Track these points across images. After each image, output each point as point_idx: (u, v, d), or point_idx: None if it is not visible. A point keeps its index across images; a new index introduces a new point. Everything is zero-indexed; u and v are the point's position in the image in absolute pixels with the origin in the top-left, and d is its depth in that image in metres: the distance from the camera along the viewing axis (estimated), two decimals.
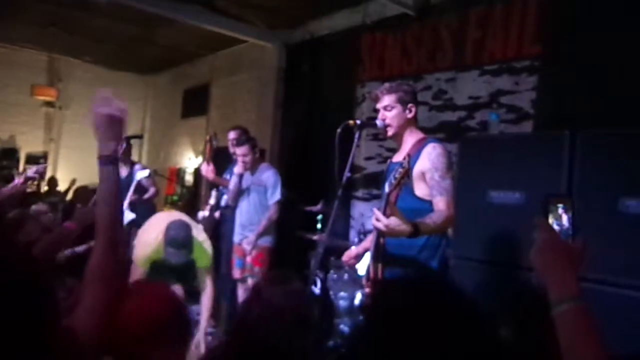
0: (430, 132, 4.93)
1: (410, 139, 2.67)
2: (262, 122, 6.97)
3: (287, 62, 6.88)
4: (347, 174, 2.60)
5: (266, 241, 4.51)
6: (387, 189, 2.27)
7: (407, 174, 2.20)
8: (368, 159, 5.56)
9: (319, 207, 4.91)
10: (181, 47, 8.24)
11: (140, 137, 5.83)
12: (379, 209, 2.32)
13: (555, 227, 1.16)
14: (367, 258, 4.16)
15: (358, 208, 5.65)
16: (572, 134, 2.94)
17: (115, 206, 1.44)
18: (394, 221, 2.25)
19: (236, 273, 4.55)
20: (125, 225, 5.29)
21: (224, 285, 4.45)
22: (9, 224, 3.17)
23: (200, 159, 8.68)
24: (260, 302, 1.61)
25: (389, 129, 2.64)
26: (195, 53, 8.62)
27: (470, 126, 4.64)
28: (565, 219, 1.17)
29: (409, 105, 2.64)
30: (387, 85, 2.72)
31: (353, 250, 2.77)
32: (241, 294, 4.51)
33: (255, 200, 4.52)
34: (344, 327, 4.02)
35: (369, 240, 2.70)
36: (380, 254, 2.40)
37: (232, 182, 4.52)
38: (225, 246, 4.60)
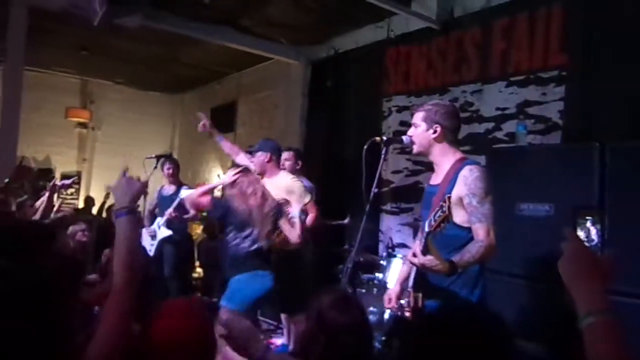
0: (458, 145, 4.93)
1: (445, 160, 2.56)
2: (288, 138, 7.04)
3: (312, 78, 6.95)
4: (374, 190, 2.61)
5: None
6: (426, 227, 2.24)
7: (447, 219, 2.15)
8: (395, 172, 5.55)
9: (346, 221, 4.92)
10: (208, 66, 8.41)
11: (168, 156, 5.94)
12: (420, 241, 2.31)
13: (584, 239, 1.16)
14: (394, 278, 4.15)
15: (386, 221, 5.64)
16: (601, 145, 2.90)
17: (134, 253, 1.46)
18: (429, 261, 2.23)
19: None
20: (160, 241, 5.41)
21: None
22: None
23: (225, 175, 8.78)
24: (323, 329, 1.62)
25: (413, 146, 2.60)
26: (221, 72, 8.79)
27: (498, 138, 4.61)
28: (593, 231, 1.17)
29: (435, 125, 2.53)
30: (426, 103, 2.66)
31: (392, 293, 2.67)
32: None
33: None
34: (374, 343, 4.00)
35: (404, 272, 2.68)
36: (420, 284, 2.39)
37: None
38: None
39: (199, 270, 7.35)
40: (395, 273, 4.18)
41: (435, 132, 2.54)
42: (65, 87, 9.57)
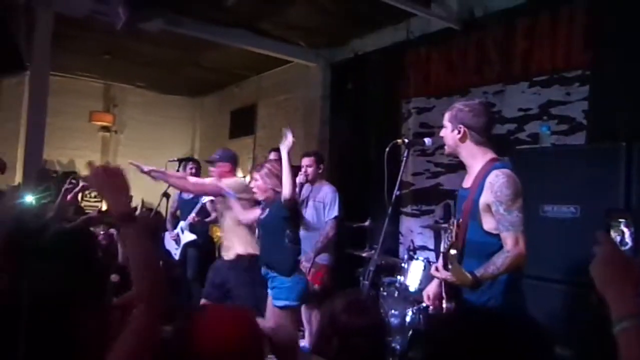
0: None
1: (475, 162, 2.49)
2: (309, 141, 7.05)
3: (331, 81, 6.96)
4: (396, 192, 2.61)
5: (325, 259, 4.45)
6: (443, 245, 2.25)
7: (456, 246, 2.17)
8: (416, 174, 5.53)
9: (367, 223, 4.90)
10: (227, 69, 8.47)
11: (190, 159, 6.00)
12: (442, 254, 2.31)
13: (617, 242, 1.13)
14: (415, 280, 4.12)
15: (406, 224, 5.61)
16: (628, 146, 2.85)
17: (148, 265, 1.35)
18: (451, 277, 2.24)
19: None
20: (183, 245, 5.46)
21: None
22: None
23: (247, 178, 8.84)
24: (336, 331, 1.61)
25: (445, 147, 2.57)
26: (241, 75, 8.84)
27: (521, 139, 4.55)
28: (627, 234, 1.14)
29: (459, 125, 2.47)
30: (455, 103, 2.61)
31: (430, 291, 2.65)
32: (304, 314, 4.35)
33: (313, 214, 4.48)
34: (396, 345, 3.98)
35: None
36: (452, 293, 2.38)
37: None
38: None
39: None
40: (416, 275, 4.16)
41: (459, 132, 2.47)
42: (89, 91, 9.72)
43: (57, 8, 5.36)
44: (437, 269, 2.28)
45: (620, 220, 1.15)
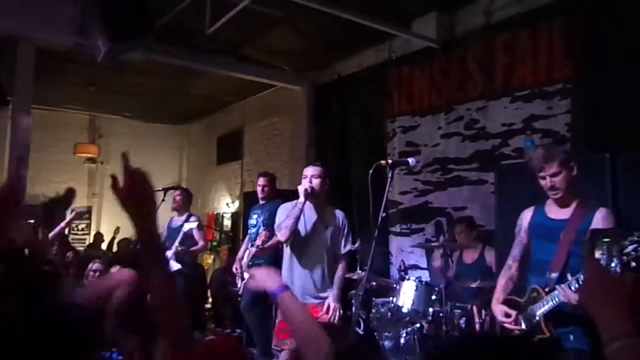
0: (465, 163, 4.90)
1: (573, 196, 2.62)
2: (295, 163, 7.04)
3: (316, 103, 6.98)
4: (381, 214, 2.58)
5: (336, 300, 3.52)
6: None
7: None
8: (404, 193, 5.51)
9: (356, 246, 4.86)
10: (213, 96, 8.49)
11: (177, 187, 5.94)
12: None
13: (603, 261, 1.12)
14: (408, 301, 4.05)
15: (396, 243, 5.58)
16: (612, 157, 2.86)
17: (174, 306, 1.32)
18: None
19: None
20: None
21: None
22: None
23: (237, 203, 8.80)
24: None
25: (558, 193, 2.61)
26: (226, 101, 8.86)
27: (506, 154, 4.57)
28: (613, 252, 1.13)
29: (570, 164, 2.61)
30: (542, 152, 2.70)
31: (500, 312, 2.70)
32: None
33: (324, 243, 3.49)
34: None
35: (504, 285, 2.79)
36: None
37: (290, 212, 3.42)
38: None
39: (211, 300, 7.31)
40: (409, 295, 4.11)
41: (573, 170, 2.63)
42: (74, 123, 9.70)
43: (40, 42, 5.36)
44: None
45: (605, 240, 1.13)
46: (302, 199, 3.36)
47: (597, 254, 1.13)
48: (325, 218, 3.52)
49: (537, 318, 2.49)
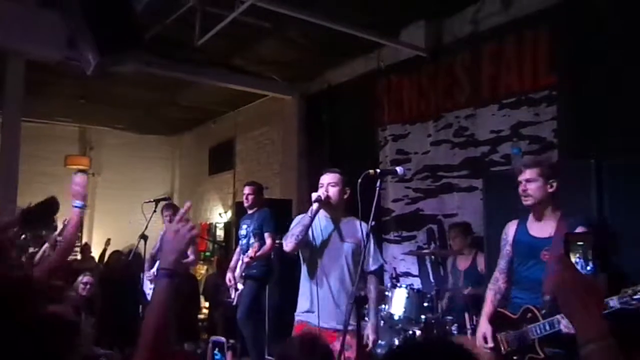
0: (455, 170, 4.94)
1: (552, 214, 2.59)
2: (287, 173, 7.07)
3: (306, 112, 7.02)
4: (371, 223, 2.59)
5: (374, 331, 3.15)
6: None
7: None
8: (396, 200, 5.55)
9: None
10: (204, 106, 8.51)
11: (168, 199, 5.93)
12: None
13: (578, 265, 1.14)
14: (399, 308, 4.05)
15: (389, 250, 5.60)
16: (598, 163, 2.90)
17: (163, 318, 1.39)
18: None
19: None
20: None
21: None
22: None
23: (229, 213, 8.79)
24: None
25: (529, 199, 2.59)
26: (217, 111, 8.89)
27: (495, 160, 4.62)
28: (587, 255, 1.15)
29: (551, 180, 2.56)
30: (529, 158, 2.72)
31: (487, 333, 2.69)
32: None
33: (345, 258, 2.97)
34: None
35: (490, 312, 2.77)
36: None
37: (299, 221, 2.99)
38: None
39: (205, 310, 7.28)
40: (400, 303, 4.12)
41: (552, 187, 2.60)
42: (65, 135, 9.68)
43: (29, 55, 5.37)
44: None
45: (579, 242, 1.16)
46: (314, 206, 2.90)
47: (573, 258, 1.15)
48: (343, 230, 3.01)
49: (533, 339, 2.48)
